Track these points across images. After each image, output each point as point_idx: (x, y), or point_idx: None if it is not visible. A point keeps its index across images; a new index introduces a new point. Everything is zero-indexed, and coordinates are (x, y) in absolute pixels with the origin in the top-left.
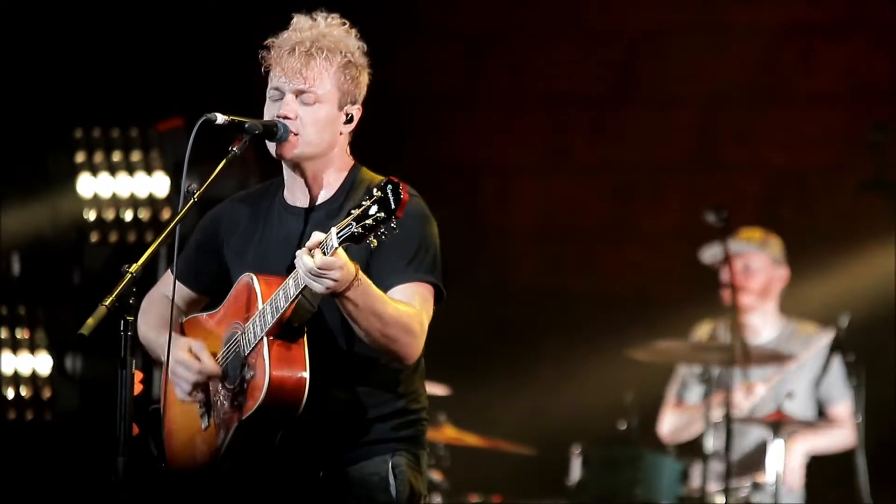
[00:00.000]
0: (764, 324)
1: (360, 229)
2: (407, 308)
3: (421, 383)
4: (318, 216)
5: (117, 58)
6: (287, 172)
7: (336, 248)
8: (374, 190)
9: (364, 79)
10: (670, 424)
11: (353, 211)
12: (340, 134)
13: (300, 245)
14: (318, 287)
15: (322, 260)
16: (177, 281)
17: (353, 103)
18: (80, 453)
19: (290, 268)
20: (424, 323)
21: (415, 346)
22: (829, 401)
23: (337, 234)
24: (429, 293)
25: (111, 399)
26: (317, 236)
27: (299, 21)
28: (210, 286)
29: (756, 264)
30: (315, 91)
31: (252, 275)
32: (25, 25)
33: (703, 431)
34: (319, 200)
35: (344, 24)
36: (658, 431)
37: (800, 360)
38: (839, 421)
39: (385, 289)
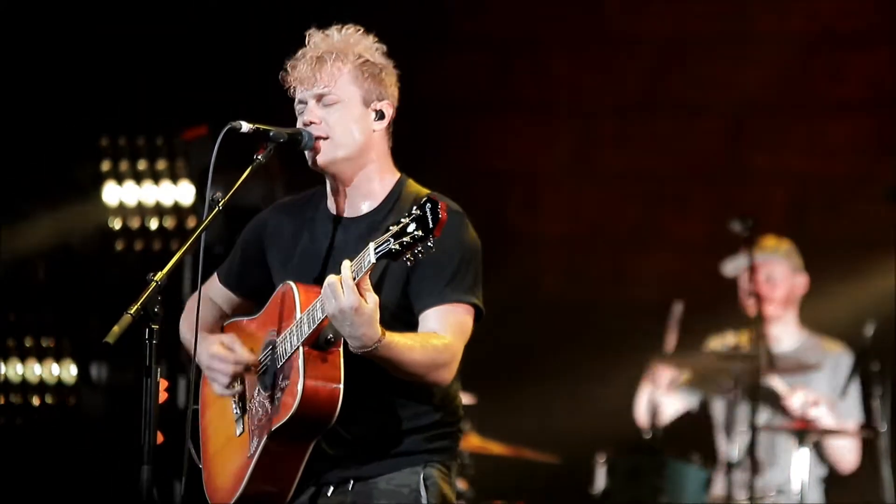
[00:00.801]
0: (785, 334)
1: (397, 246)
2: (436, 342)
3: (457, 394)
4: (361, 227)
5: (143, 66)
6: (329, 182)
7: (373, 264)
8: (414, 207)
9: (388, 77)
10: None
11: (391, 227)
12: (374, 132)
13: (340, 256)
14: (343, 331)
15: (350, 304)
16: (221, 285)
17: (381, 100)
18: (105, 461)
19: None
20: (457, 350)
21: (446, 375)
22: (841, 416)
23: (375, 249)
24: (465, 313)
25: (136, 407)
26: (345, 269)
27: (313, 36)
28: (254, 291)
29: (778, 274)
30: (333, 91)
31: (292, 283)
32: (52, 35)
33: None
34: (364, 211)
35: (358, 30)
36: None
37: (820, 370)
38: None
39: (421, 308)
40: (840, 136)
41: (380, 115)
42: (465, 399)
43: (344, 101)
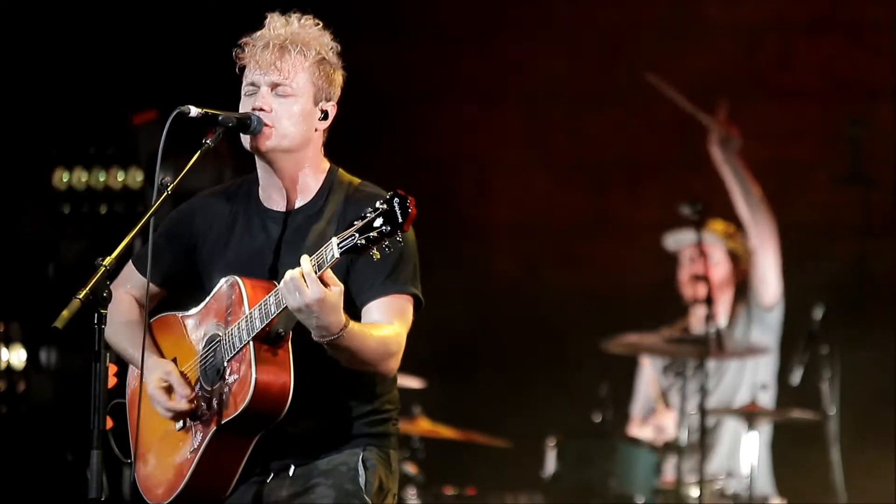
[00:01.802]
0: (719, 316)
1: (363, 241)
2: (386, 332)
3: (395, 382)
4: (297, 220)
5: (92, 50)
6: (262, 173)
7: (336, 259)
8: (379, 202)
9: (338, 78)
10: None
11: (355, 222)
12: (315, 130)
13: (279, 249)
14: (309, 323)
15: (316, 296)
16: (141, 276)
17: (328, 100)
18: (54, 447)
19: (272, 271)
20: (402, 339)
21: (393, 365)
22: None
23: (338, 244)
24: (407, 303)
25: (86, 392)
26: (305, 263)
27: (273, 19)
28: (174, 282)
29: (716, 256)
30: (290, 84)
31: (237, 278)
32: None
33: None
34: (298, 204)
35: (317, 24)
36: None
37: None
38: None
39: (363, 302)
40: (789, 122)
41: (324, 116)
42: (416, 384)
43: (297, 97)
